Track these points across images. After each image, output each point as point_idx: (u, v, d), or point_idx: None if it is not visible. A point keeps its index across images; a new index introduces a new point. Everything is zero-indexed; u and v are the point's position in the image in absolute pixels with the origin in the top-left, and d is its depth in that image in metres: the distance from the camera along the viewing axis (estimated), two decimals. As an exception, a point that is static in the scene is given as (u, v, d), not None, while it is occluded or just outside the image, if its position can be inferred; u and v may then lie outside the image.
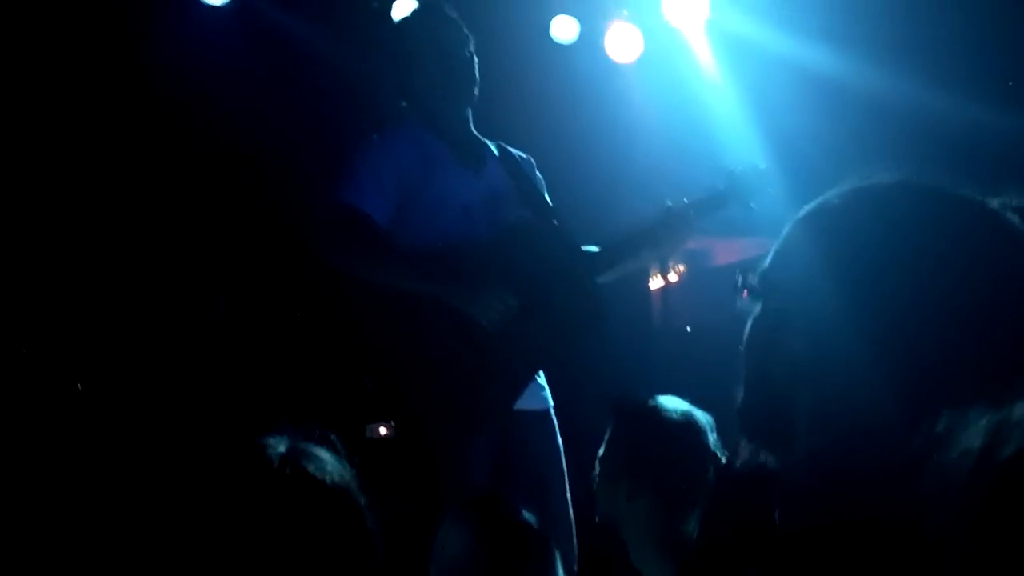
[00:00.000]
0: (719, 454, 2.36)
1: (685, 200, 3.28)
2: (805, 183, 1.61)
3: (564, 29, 5.18)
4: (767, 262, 1.04)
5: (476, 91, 3.32)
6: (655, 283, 6.19)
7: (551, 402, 3.30)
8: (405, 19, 3.53)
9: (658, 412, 2.42)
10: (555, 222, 3.29)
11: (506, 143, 3.48)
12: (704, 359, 3.51)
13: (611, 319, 3.25)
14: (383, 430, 4.76)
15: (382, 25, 5.08)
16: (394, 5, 5.12)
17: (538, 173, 3.49)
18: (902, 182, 0.95)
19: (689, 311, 6.02)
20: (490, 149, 3.39)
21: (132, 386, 4.83)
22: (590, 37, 5.14)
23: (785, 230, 1.02)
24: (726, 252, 5.65)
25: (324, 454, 1.24)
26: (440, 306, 3.10)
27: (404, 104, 3.39)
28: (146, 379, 4.88)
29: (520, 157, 3.45)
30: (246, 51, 5.06)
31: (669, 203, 3.30)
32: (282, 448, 1.21)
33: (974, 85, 4.38)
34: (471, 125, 3.37)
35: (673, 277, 6.18)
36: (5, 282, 4.77)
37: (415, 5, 5.09)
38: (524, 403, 3.19)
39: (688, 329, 5.83)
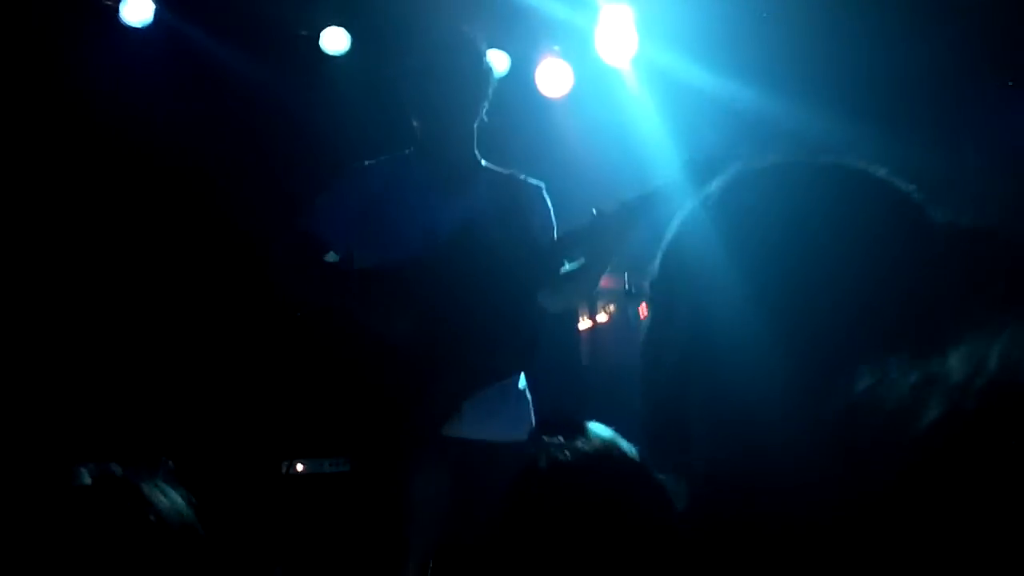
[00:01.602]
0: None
1: (620, 200, 3.18)
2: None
3: (495, 63, 5.24)
4: (655, 263, 0.98)
5: (480, 112, 3.28)
6: (584, 323, 6.24)
7: None
8: (410, 39, 3.47)
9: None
10: (521, 245, 3.24)
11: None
12: (631, 399, 3.49)
13: (539, 340, 3.20)
14: (300, 467, 4.70)
15: (310, 52, 5.15)
16: (322, 34, 5.17)
17: (545, 198, 3.44)
18: (783, 161, 0.93)
19: (617, 351, 6.07)
20: (482, 172, 3.36)
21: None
22: (520, 71, 5.22)
23: (669, 229, 0.98)
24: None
25: (149, 487, 1.28)
26: (358, 326, 3.11)
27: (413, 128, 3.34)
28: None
29: (526, 182, 3.43)
30: (169, 72, 5.04)
31: (595, 210, 3.22)
32: (87, 478, 1.27)
33: (890, 117, 4.60)
34: (472, 146, 3.34)
35: (602, 317, 6.24)
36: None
37: (346, 41, 5.16)
38: (497, 434, 3.13)
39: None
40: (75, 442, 4.42)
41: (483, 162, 3.38)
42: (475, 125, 3.31)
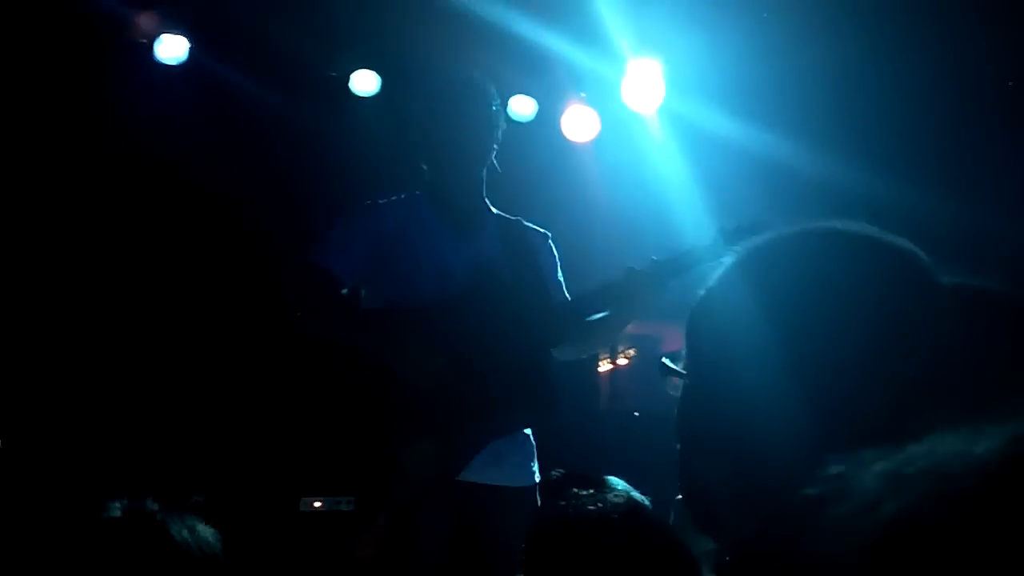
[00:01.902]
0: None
1: (653, 258, 3.19)
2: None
3: (522, 108, 5.34)
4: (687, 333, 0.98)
5: (489, 157, 3.33)
6: (604, 366, 6.26)
7: (537, 479, 3.24)
8: (421, 85, 3.51)
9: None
10: (533, 293, 3.27)
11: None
12: (650, 444, 3.49)
13: (560, 398, 3.21)
14: (317, 504, 4.73)
15: (340, 93, 5.24)
16: (352, 76, 5.26)
17: (551, 245, 3.48)
18: (804, 230, 0.93)
19: (637, 396, 6.08)
20: (491, 218, 3.41)
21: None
22: (548, 116, 5.30)
23: (699, 296, 0.98)
24: (676, 338, 5.73)
25: (176, 523, 1.35)
26: (372, 364, 3.13)
27: (421, 170, 3.40)
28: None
29: (533, 230, 3.47)
30: (201, 109, 5.15)
31: (632, 266, 3.19)
32: (117, 511, 1.34)
33: (914, 170, 4.66)
34: (482, 191, 3.38)
35: (622, 361, 6.26)
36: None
37: (376, 83, 5.25)
38: (503, 479, 3.16)
39: (636, 414, 5.88)
40: (106, 476, 4.47)
41: (493, 209, 3.42)
42: (484, 171, 3.35)
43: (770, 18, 4.75)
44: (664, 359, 1.01)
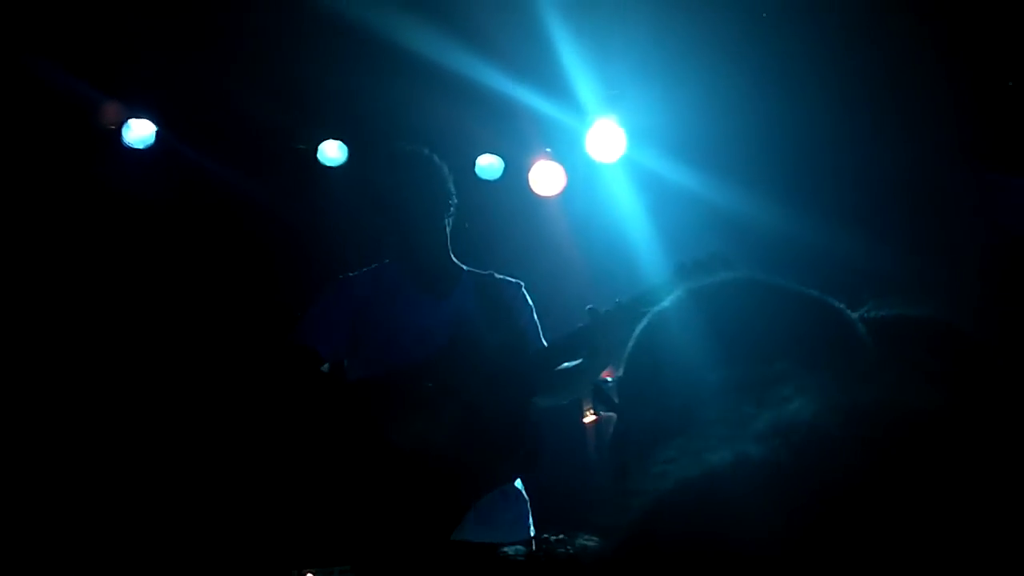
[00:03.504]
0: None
1: (616, 300, 3.33)
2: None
3: (490, 166, 5.50)
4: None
5: (447, 219, 3.55)
6: (588, 418, 6.35)
7: (533, 531, 3.39)
8: (378, 167, 3.74)
9: None
10: (511, 345, 3.43)
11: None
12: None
13: (541, 447, 3.36)
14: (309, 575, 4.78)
15: (308, 166, 5.39)
16: (320, 147, 5.42)
17: (524, 295, 3.65)
18: (743, 278, 1.16)
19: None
20: (463, 275, 3.59)
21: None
22: (515, 173, 5.46)
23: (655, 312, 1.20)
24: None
25: None
26: (364, 436, 3.27)
27: (384, 241, 3.62)
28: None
29: (505, 281, 3.65)
30: (171, 189, 5.28)
31: (591, 307, 3.36)
32: None
33: (870, 216, 4.91)
34: (447, 251, 3.59)
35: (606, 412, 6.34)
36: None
37: (342, 153, 5.41)
38: (500, 534, 3.26)
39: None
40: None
41: (464, 267, 3.61)
42: (444, 230, 3.54)
43: (728, 69, 4.97)
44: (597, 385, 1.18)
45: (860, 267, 4.45)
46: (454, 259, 3.61)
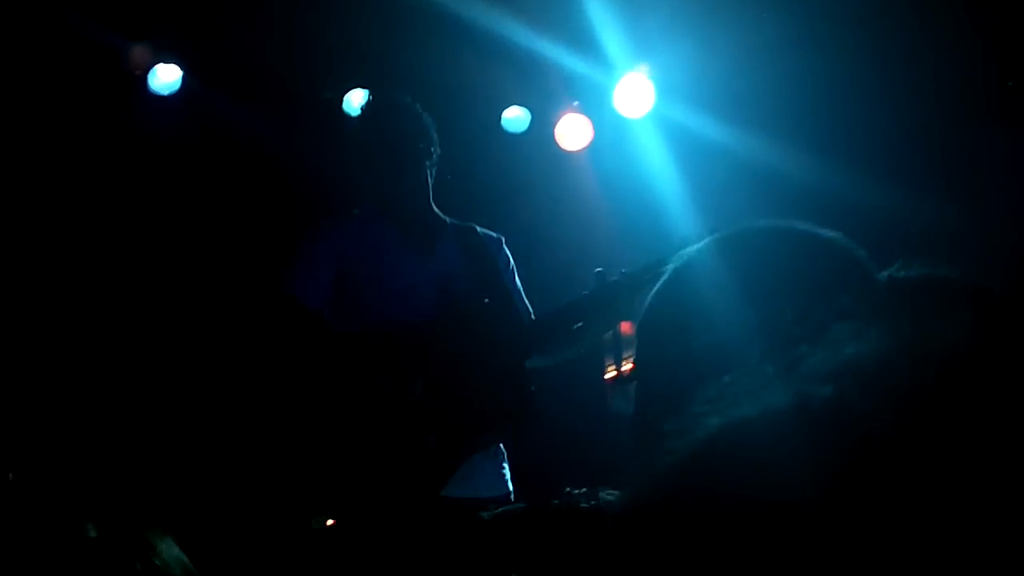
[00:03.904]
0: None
1: (622, 270, 3.41)
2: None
3: (515, 119, 5.48)
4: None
5: (431, 169, 3.58)
6: (610, 373, 6.36)
7: (511, 487, 3.47)
8: (354, 112, 3.77)
9: None
10: (500, 304, 3.47)
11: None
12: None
13: (536, 409, 3.42)
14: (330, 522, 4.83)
15: (333, 114, 5.38)
16: (347, 95, 5.40)
17: (506, 251, 3.70)
18: (765, 224, 1.17)
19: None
20: (447, 229, 3.62)
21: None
22: (541, 127, 5.44)
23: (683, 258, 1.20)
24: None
25: (158, 540, 1.31)
26: (352, 388, 3.32)
27: (362, 190, 3.67)
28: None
29: (487, 235, 3.69)
30: (195, 137, 5.28)
31: (599, 269, 3.40)
32: (92, 531, 1.28)
33: (900, 172, 4.86)
34: (428, 200, 3.61)
35: (627, 367, 6.36)
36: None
37: (366, 96, 5.39)
38: (481, 490, 3.35)
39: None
40: (83, 494, 4.58)
41: (446, 219, 3.64)
42: (426, 179, 3.58)
43: (758, 23, 4.91)
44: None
45: (891, 223, 4.42)
46: (436, 210, 3.63)
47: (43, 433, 4.98)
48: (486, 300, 3.44)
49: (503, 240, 3.72)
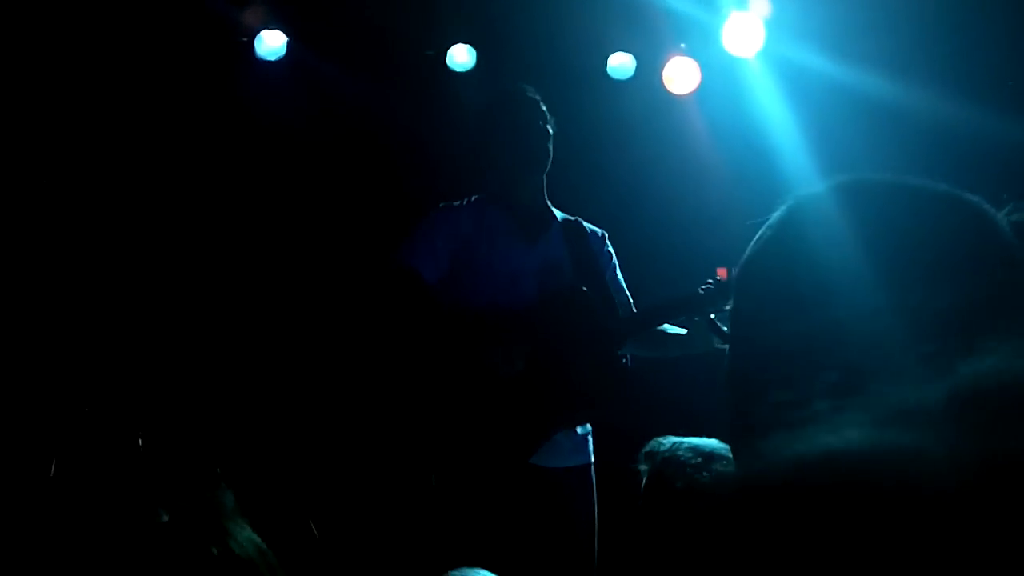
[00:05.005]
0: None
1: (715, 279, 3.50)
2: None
3: (621, 66, 5.41)
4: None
5: (548, 163, 3.70)
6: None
7: (592, 457, 3.66)
8: (484, 103, 3.90)
9: None
10: (599, 294, 3.64)
11: (574, 197, 3.94)
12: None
13: (627, 396, 3.57)
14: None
15: (438, 71, 5.39)
16: (449, 51, 5.41)
17: (609, 246, 3.86)
18: (899, 180, 1.01)
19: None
20: (555, 220, 3.78)
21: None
22: (647, 72, 5.36)
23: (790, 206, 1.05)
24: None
25: (233, 525, 1.30)
26: (456, 360, 3.52)
27: (481, 177, 3.83)
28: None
29: (592, 231, 3.84)
30: (302, 102, 5.35)
31: (709, 283, 3.48)
32: (165, 517, 1.27)
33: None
34: (543, 195, 3.77)
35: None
36: None
37: (471, 57, 5.39)
38: (564, 460, 3.57)
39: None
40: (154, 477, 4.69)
41: (557, 213, 3.79)
42: (543, 176, 3.72)
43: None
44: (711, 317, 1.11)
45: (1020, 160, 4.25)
46: (549, 204, 3.78)
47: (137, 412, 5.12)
48: (584, 289, 3.60)
49: (607, 235, 3.87)
